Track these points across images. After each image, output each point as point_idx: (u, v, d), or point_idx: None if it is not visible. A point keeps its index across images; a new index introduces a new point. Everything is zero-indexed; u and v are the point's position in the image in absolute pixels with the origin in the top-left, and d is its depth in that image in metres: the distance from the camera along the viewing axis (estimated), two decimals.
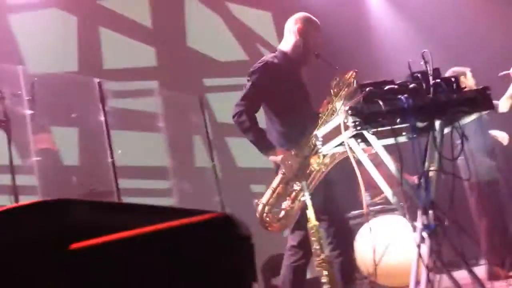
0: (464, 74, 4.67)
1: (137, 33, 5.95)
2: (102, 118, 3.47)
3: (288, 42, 3.35)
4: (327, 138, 2.56)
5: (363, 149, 2.47)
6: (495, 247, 4.50)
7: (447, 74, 4.76)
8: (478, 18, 6.90)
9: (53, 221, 0.77)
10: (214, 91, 6.43)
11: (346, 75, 3.07)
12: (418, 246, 2.33)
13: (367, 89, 2.34)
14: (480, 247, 4.71)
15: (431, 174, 2.43)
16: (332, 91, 3.08)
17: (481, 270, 4.57)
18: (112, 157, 3.44)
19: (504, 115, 4.72)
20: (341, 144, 2.51)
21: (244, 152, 6.21)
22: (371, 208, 5.55)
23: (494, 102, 4.63)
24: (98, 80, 3.55)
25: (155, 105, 5.67)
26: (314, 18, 3.38)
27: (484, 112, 2.48)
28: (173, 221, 0.82)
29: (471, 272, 2.31)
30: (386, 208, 5.41)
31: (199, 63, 6.43)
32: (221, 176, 6.07)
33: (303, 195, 2.87)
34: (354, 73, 3.08)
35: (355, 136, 2.40)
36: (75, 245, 0.76)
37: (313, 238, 2.73)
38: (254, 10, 7.15)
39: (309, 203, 2.70)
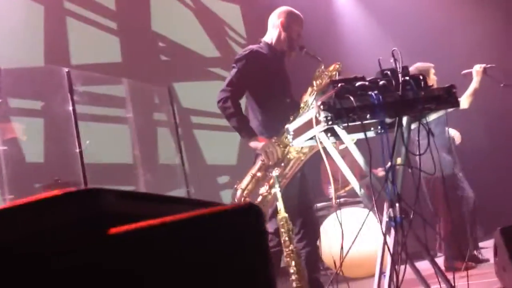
0: (428, 70, 4.81)
1: (103, 22, 5.87)
2: (70, 108, 3.43)
3: (271, 35, 3.42)
4: (299, 132, 2.62)
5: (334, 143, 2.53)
6: (453, 240, 4.67)
7: (411, 69, 4.91)
8: (441, 15, 7.09)
9: (88, 209, 0.78)
10: (183, 81, 6.40)
11: (329, 67, 3.13)
12: (384, 238, 2.41)
13: (339, 85, 2.41)
14: (441, 239, 4.89)
15: (398, 168, 2.52)
16: (314, 82, 3.14)
17: (440, 261, 4.75)
18: (79, 148, 3.40)
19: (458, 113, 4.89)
20: (312, 138, 2.58)
21: (211, 143, 6.24)
22: (337, 200, 5.70)
23: None
24: (67, 70, 3.50)
25: (123, 95, 5.61)
26: (297, 12, 3.46)
27: (449, 110, 2.56)
28: (197, 210, 0.85)
29: (434, 263, 2.40)
30: (349, 201, 5.56)
31: (167, 53, 6.40)
32: (188, 168, 6.08)
33: (283, 180, 2.95)
34: (337, 66, 3.14)
35: (326, 131, 2.47)
36: (113, 230, 0.78)
37: (282, 230, 2.77)
38: (223, 2, 7.16)
39: (279, 195, 2.75)
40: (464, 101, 4.79)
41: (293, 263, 2.72)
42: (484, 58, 5.41)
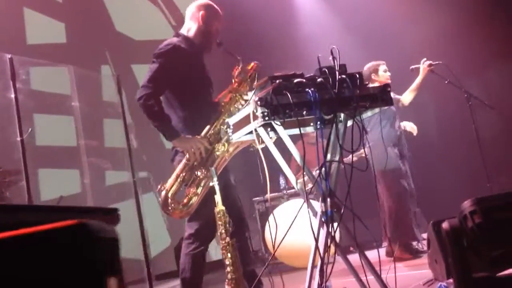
0: (376, 68, 4.94)
1: (49, 7, 5.76)
2: (12, 96, 3.35)
3: (190, 28, 3.33)
4: (239, 126, 2.66)
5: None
6: (397, 229, 4.84)
7: (365, 68, 5.03)
8: (394, 13, 7.25)
9: None
10: (131, 70, 6.34)
11: (248, 66, 3.14)
12: (317, 231, 2.50)
13: (277, 81, 2.46)
14: (385, 229, 5.05)
15: (333, 164, 2.60)
16: (233, 80, 3.14)
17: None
18: (21, 136, 3.34)
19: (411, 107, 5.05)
20: (251, 132, 2.63)
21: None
22: (287, 192, 5.83)
23: (397, 96, 4.98)
24: (9, 56, 3.42)
25: (68, 84, 5.52)
26: (217, 7, 3.38)
27: (384, 108, 2.64)
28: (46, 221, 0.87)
29: (362, 255, 2.50)
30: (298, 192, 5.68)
31: (118, 42, 6.33)
32: (145, 154, 6.04)
33: (207, 182, 2.96)
34: (255, 65, 3.16)
35: (264, 126, 2.52)
36: None
37: (219, 222, 2.81)
38: None
39: (217, 188, 2.78)
40: (407, 95, 4.96)
41: (228, 255, 2.77)
42: (434, 55, 5.58)
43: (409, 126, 5.30)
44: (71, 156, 5.42)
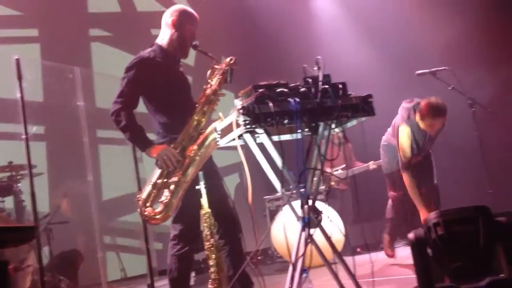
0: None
1: None
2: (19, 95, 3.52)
3: (164, 35, 3.37)
4: (225, 132, 2.75)
5: None
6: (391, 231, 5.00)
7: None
8: (411, 17, 7.25)
9: None
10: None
11: (222, 64, 3.20)
12: (299, 234, 2.59)
13: (260, 90, 2.55)
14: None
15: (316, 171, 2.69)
16: (208, 80, 3.20)
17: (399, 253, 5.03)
18: (26, 134, 3.54)
19: None
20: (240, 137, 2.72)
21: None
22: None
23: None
24: (17, 57, 3.59)
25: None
26: (190, 10, 3.40)
27: (363, 118, 2.69)
28: None
29: (340, 259, 2.58)
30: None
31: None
32: (100, 156, 6.12)
33: (183, 185, 3.05)
34: (230, 60, 3.20)
35: (250, 132, 2.61)
36: None
37: (204, 224, 2.91)
38: None
39: (203, 191, 2.88)
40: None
41: (212, 256, 2.87)
42: (441, 60, 5.60)
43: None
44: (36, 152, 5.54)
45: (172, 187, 3.09)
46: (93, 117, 5.63)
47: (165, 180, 3.11)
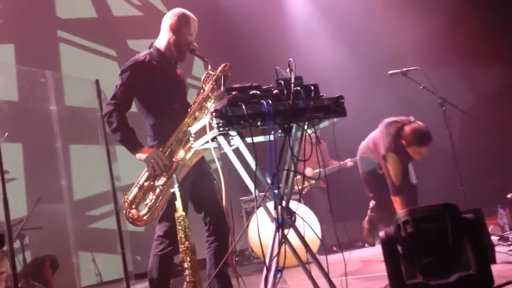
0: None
1: None
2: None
3: (162, 38, 3.42)
4: (199, 135, 2.77)
5: None
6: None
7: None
8: (383, 15, 7.36)
9: None
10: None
11: (216, 69, 3.23)
12: (274, 235, 2.61)
13: (232, 93, 2.56)
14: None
15: (288, 172, 2.71)
16: (202, 85, 3.24)
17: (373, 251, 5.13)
18: None
19: None
20: (213, 140, 2.73)
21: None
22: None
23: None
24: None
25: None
26: (189, 14, 3.43)
27: (335, 119, 2.73)
28: None
29: (314, 258, 2.61)
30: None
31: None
32: (72, 160, 6.09)
33: (168, 189, 3.08)
34: (225, 67, 3.23)
35: (223, 135, 2.63)
36: None
37: (179, 227, 2.92)
38: None
39: (178, 194, 2.89)
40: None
41: (187, 258, 2.88)
42: (414, 58, 5.70)
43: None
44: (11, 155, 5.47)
45: (157, 190, 3.15)
46: (63, 119, 5.57)
47: (151, 183, 3.17)
